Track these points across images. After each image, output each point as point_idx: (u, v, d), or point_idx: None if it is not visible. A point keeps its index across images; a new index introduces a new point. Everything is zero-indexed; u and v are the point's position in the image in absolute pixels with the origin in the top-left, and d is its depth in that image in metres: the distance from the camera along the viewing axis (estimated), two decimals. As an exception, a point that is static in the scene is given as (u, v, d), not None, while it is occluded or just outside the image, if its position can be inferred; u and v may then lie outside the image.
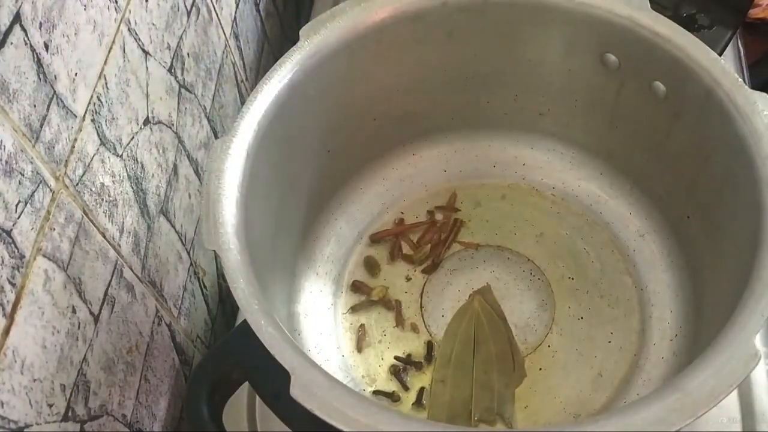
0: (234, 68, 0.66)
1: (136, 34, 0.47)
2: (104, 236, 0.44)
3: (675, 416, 0.34)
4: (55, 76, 0.38)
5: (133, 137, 0.47)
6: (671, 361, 0.51)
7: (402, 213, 0.62)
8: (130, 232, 0.47)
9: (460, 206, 0.61)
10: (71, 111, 0.40)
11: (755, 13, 0.82)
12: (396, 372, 0.54)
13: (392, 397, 0.53)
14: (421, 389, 0.53)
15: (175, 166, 0.54)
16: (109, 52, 0.44)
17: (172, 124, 0.53)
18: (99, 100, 0.43)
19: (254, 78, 0.71)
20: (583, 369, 0.53)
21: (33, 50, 0.36)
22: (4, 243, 0.34)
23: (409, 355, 0.55)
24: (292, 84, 0.48)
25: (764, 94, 0.44)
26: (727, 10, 0.64)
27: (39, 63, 0.37)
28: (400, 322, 0.56)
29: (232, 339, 0.44)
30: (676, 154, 0.52)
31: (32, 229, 0.36)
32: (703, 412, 0.34)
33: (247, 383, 0.45)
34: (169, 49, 0.52)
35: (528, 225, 0.60)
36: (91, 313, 0.42)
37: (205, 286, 0.60)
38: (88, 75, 0.41)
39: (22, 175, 0.35)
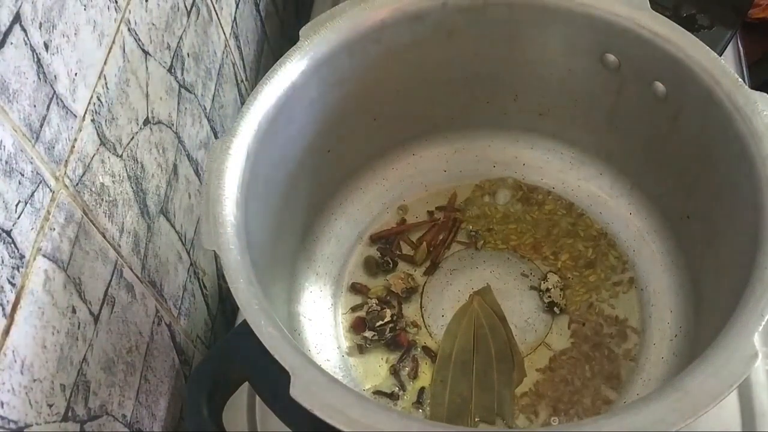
0: (234, 68, 0.66)
1: (136, 34, 0.47)
2: (104, 236, 0.44)
3: (675, 416, 0.34)
4: (55, 76, 0.38)
5: (133, 137, 0.47)
6: (671, 361, 0.51)
7: (402, 213, 0.62)
8: (130, 232, 0.47)
9: (459, 206, 0.62)
10: (71, 111, 0.40)
11: (755, 13, 0.82)
12: (396, 372, 0.54)
13: (392, 397, 0.53)
14: (421, 389, 0.53)
15: (175, 166, 0.54)
16: (109, 52, 0.44)
17: (172, 124, 0.53)
18: (99, 100, 0.43)
19: (254, 78, 0.71)
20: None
21: (33, 50, 0.36)
22: (4, 243, 0.34)
23: (407, 351, 0.55)
24: (292, 84, 0.48)
25: (764, 94, 0.44)
26: (727, 10, 0.64)
27: (39, 63, 0.37)
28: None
29: (232, 339, 0.44)
30: (676, 154, 0.52)
31: (32, 229, 0.36)
32: (703, 412, 0.34)
33: (247, 383, 0.45)
34: (169, 49, 0.52)
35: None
36: (91, 313, 0.42)
37: (205, 286, 0.60)
38: (88, 75, 0.41)
39: (22, 175, 0.35)
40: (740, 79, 0.44)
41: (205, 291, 0.60)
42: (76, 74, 0.40)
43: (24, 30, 0.35)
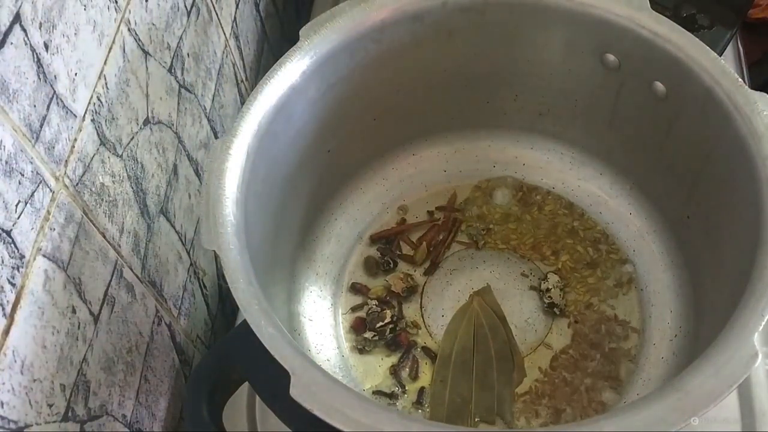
0: (234, 68, 0.66)
1: (136, 34, 0.47)
2: (104, 236, 0.44)
3: (675, 416, 0.34)
4: (55, 76, 0.38)
5: (133, 137, 0.47)
6: (671, 361, 0.51)
7: (402, 213, 0.62)
8: (130, 232, 0.47)
9: (459, 206, 0.61)
10: (71, 111, 0.40)
11: (755, 13, 0.82)
12: (396, 372, 0.54)
13: (392, 397, 0.53)
14: (421, 389, 0.53)
15: (175, 166, 0.54)
16: (109, 52, 0.44)
17: (172, 124, 0.53)
18: (99, 100, 0.43)
19: (254, 78, 0.71)
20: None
21: (33, 50, 0.36)
22: (4, 243, 0.34)
23: (407, 351, 0.55)
24: (291, 84, 0.48)
25: (764, 94, 0.44)
26: (727, 10, 0.64)
27: (39, 63, 0.37)
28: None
29: (232, 339, 0.44)
30: (676, 154, 0.52)
31: (32, 229, 0.36)
32: (703, 412, 0.34)
33: (247, 383, 0.45)
34: (169, 49, 0.52)
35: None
36: (91, 313, 0.42)
37: (205, 286, 0.60)
38: (88, 75, 0.41)
39: (22, 175, 0.35)
40: (740, 79, 0.44)
41: (205, 291, 0.60)
42: (76, 74, 0.40)
43: (24, 30, 0.35)
